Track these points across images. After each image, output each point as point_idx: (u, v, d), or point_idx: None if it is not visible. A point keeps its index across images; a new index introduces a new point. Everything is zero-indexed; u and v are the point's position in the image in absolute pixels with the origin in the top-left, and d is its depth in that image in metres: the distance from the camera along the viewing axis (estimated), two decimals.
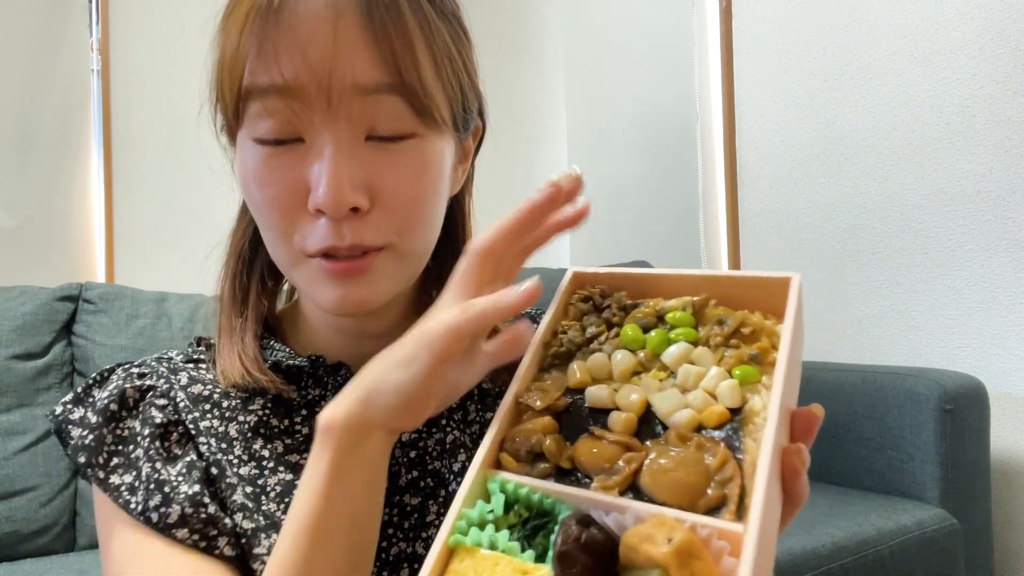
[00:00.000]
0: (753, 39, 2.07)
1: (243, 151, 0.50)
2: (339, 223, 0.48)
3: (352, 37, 0.46)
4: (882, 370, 1.56)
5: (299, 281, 0.52)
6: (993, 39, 1.58)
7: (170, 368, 0.57)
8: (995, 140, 1.58)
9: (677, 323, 0.42)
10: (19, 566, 1.35)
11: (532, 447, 0.38)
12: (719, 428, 0.36)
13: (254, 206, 0.51)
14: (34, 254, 1.98)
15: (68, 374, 1.57)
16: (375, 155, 0.48)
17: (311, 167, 0.48)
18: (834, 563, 1.25)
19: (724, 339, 0.40)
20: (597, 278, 0.47)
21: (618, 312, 0.44)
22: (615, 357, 0.41)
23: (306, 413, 0.56)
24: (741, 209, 2.12)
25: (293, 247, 0.50)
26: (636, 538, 0.31)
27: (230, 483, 0.51)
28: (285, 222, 0.49)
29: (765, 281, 0.42)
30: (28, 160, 1.98)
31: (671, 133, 2.34)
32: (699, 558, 0.30)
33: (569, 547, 0.31)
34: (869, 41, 1.79)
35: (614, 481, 0.35)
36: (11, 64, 1.97)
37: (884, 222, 1.78)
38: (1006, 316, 1.57)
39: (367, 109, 0.47)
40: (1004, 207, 1.57)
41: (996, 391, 1.56)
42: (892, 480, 1.50)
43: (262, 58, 0.46)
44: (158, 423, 0.52)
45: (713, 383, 0.37)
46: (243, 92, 0.48)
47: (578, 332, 0.43)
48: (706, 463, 0.34)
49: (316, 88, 0.46)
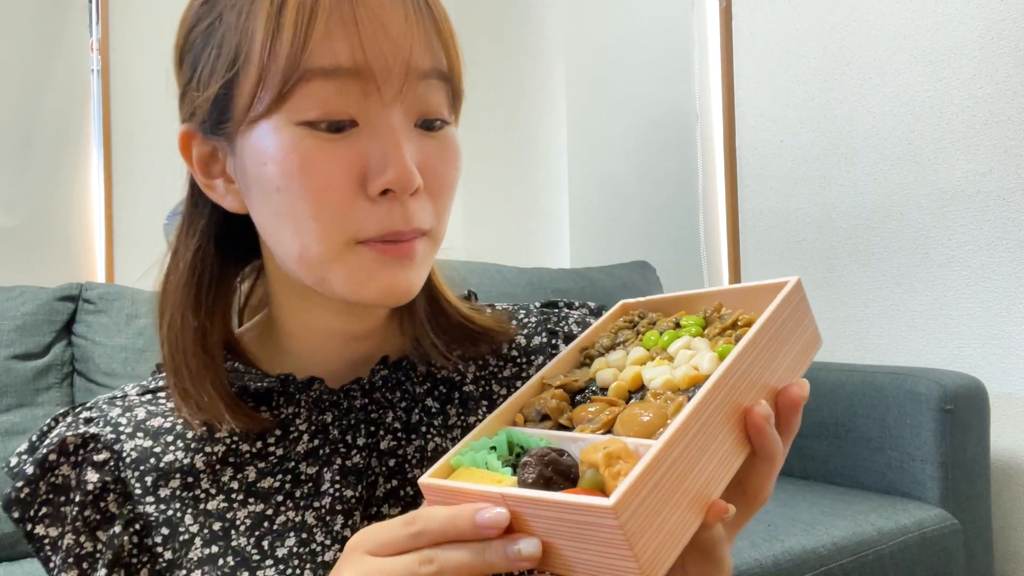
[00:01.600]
0: (753, 39, 2.07)
1: (275, 138, 0.46)
2: (404, 205, 0.47)
3: (419, 19, 0.47)
4: (882, 370, 1.56)
5: (339, 274, 0.48)
6: (993, 39, 1.58)
7: (124, 408, 0.55)
8: (995, 140, 1.58)
9: (688, 325, 0.49)
10: (19, 566, 1.35)
11: (540, 409, 0.46)
12: (688, 390, 0.42)
13: (292, 196, 0.46)
14: (34, 254, 1.98)
15: (68, 374, 1.57)
16: (421, 140, 0.49)
17: (370, 149, 0.46)
18: (834, 563, 1.25)
19: (722, 330, 0.47)
20: (640, 305, 0.55)
21: (647, 325, 0.52)
22: (631, 352, 0.48)
23: (280, 433, 0.54)
24: (741, 209, 2.12)
25: (343, 235, 0.47)
26: (585, 453, 0.38)
27: (185, 539, 0.50)
28: (337, 209, 0.46)
29: (770, 287, 0.48)
30: (28, 160, 1.98)
31: (671, 133, 2.34)
32: (626, 460, 0.36)
33: (530, 457, 0.39)
34: (869, 41, 1.79)
35: (592, 427, 0.43)
36: (11, 64, 1.96)
37: (884, 222, 1.78)
38: (1006, 316, 1.57)
39: (422, 94, 0.48)
40: (1004, 207, 1.57)
41: (996, 391, 1.56)
42: (892, 480, 1.50)
43: (331, 37, 0.44)
44: (90, 489, 0.50)
45: (699, 359, 0.44)
46: (301, 72, 0.44)
47: (609, 340, 0.52)
48: (665, 411, 0.41)
49: (394, 69, 0.46)
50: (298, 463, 0.54)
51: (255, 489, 0.53)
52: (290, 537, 0.51)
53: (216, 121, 0.49)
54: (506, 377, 0.61)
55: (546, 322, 0.64)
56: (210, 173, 0.52)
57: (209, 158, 0.52)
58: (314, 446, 0.54)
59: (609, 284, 2.04)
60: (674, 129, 2.33)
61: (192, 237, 0.55)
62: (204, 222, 0.55)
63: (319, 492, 0.53)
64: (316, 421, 0.55)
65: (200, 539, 0.50)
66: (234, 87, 0.47)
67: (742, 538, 1.25)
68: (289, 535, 0.51)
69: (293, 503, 0.52)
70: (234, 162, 0.50)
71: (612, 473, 0.36)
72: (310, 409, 0.55)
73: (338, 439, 0.55)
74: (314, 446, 0.54)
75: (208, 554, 0.50)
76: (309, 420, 0.55)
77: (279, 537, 0.51)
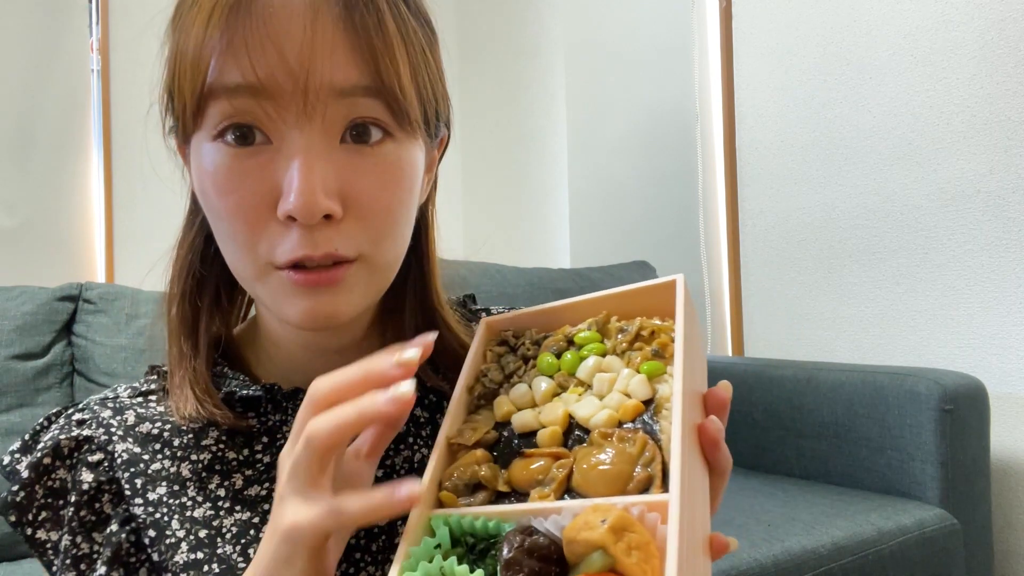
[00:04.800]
0: (753, 39, 2.07)
1: (201, 155, 0.46)
2: (312, 231, 0.44)
3: (330, 35, 0.44)
4: (882, 370, 1.56)
5: (264, 295, 0.48)
6: (993, 39, 1.58)
7: (115, 409, 0.54)
8: (995, 140, 1.58)
9: (585, 342, 0.44)
10: (19, 566, 1.35)
11: (469, 479, 0.40)
12: (635, 420, 0.39)
13: (214, 215, 0.47)
14: (34, 254, 1.98)
15: (68, 374, 1.57)
16: (349, 160, 0.46)
17: (281, 171, 0.44)
18: (834, 563, 1.25)
19: (628, 344, 0.43)
20: (507, 321, 0.50)
21: (531, 346, 0.47)
22: (535, 384, 0.43)
23: (267, 440, 0.54)
24: (741, 209, 2.12)
25: (259, 258, 0.46)
26: (574, 530, 0.32)
27: (172, 543, 0.49)
28: (251, 231, 0.45)
29: (654, 288, 0.45)
30: (28, 160, 1.98)
31: (671, 133, 2.34)
32: (633, 530, 0.32)
33: (514, 554, 0.33)
34: (869, 41, 1.79)
35: (549, 490, 0.37)
36: (11, 64, 1.96)
37: (884, 222, 1.78)
38: (1006, 316, 1.57)
39: (343, 111, 0.45)
40: (1004, 207, 1.57)
41: (996, 391, 1.56)
42: (892, 480, 1.50)
43: (231, 53, 0.43)
44: (85, 488, 0.51)
45: (625, 383, 0.40)
46: (207, 90, 0.44)
47: (497, 372, 0.46)
48: (628, 451, 0.36)
49: (291, 87, 0.43)
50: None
51: (242, 497, 0.52)
52: None
53: (178, 134, 0.50)
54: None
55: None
56: None
57: None
58: None
59: (609, 284, 2.03)
60: (674, 129, 2.33)
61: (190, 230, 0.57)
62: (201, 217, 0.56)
63: None
64: None
65: (186, 544, 0.50)
66: (168, 103, 0.48)
67: (742, 538, 1.25)
68: None
69: None
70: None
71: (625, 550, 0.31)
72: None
73: None
74: None
75: (193, 559, 0.49)
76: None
77: None
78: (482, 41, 2.65)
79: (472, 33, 2.64)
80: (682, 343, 0.40)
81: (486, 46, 2.66)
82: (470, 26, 2.67)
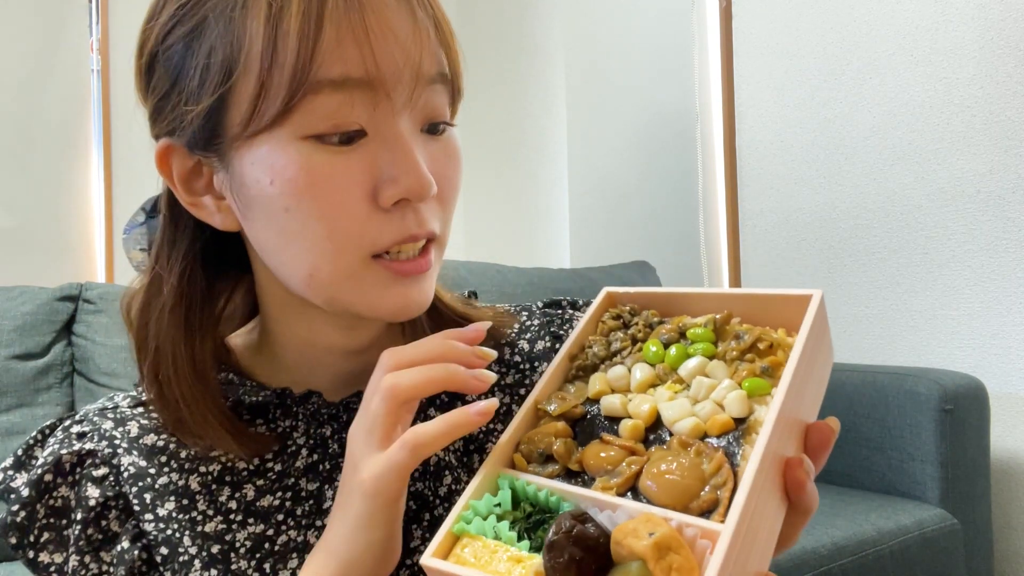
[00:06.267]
0: (753, 39, 2.07)
1: (276, 155, 0.44)
2: (416, 212, 0.46)
3: (423, 25, 0.45)
4: (882, 370, 1.56)
5: (353, 293, 0.47)
6: (993, 39, 1.58)
7: (116, 420, 0.52)
8: (995, 140, 1.58)
9: (697, 339, 0.43)
10: (19, 566, 1.35)
11: (544, 449, 0.40)
12: (721, 436, 0.37)
13: (300, 217, 0.44)
14: (34, 254, 1.98)
15: (68, 374, 1.57)
16: (428, 145, 0.48)
17: (380, 160, 0.45)
18: (834, 563, 1.25)
19: (740, 353, 0.41)
20: (629, 297, 0.49)
21: (644, 329, 0.45)
22: (634, 370, 0.42)
23: (277, 448, 0.52)
24: (741, 209, 2.12)
25: (359, 250, 0.46)
26: (622, 533, 0.32)
27: (185, 560, 0.48)
28: (352, 224, 0.45)
29: (788, 298, 0.43)
30: (28, 160, 1.99)
31: (671, 133, 2.34)
32: (677, 552, 0.31)
33: (559, 538, 0.33)
34: (869, 41, 1.79)
35: (615, 482, 0.37)
36: (11, 64, 1.97)
37: (884, 222, 1.78)
38: (1006, 316, 1.57)
39: (427, 99, 0.47)
40: (1004, 207, 1.57)
41: (996, 391, 1.56)
42: (892, 480, 1.50)
43: (342, 46, 0.42)
44: (92, 505, 0.48)
45: (722, 394, 0.38)
46: (309, 84, 0.42)
47: (603, 347, 0.45)
48: (702, 468, 0.35)
49: (404, 77, 0.44)
50: (298, 479, 0.52)
51: (254, 508, 0.51)
52: (293, 559, 0.49)
53: (208, 136, 0.46)
54: (509, 384, 0.58)
55: (549, 324, 0.61)
56: (194, 190, 0.49)
57: (191, 174, 0.49)
58: (313, 461, 0.53)
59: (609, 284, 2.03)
60: (674, 129, 2.33)
61: (176, 261, 0.52)
62: (187, 243, 0.52)
63: (321, 510, 0.51)
64: (315, 435, 0.53)
65: (199, 561, 0.48)
66: (229, 100, 0.44)
67: None
68: (292, 557, 0.49)
69: (295, 522, 0.51)
70: (227, 178, 0.47)
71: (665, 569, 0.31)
72: (308, 422, 0.53)
73: (338, 453, 0.53)
74: (313, 461, 0.53)
75: None
76: (307, 434, 0.53)
77: (281, 559, 0.49)
78: (482, 41, 2.65)
79: (472, 33, 2.64)
80: (794, 367, 0.38)
81: (486, 46, 2.66)
82: (470, 26, 2.67)
